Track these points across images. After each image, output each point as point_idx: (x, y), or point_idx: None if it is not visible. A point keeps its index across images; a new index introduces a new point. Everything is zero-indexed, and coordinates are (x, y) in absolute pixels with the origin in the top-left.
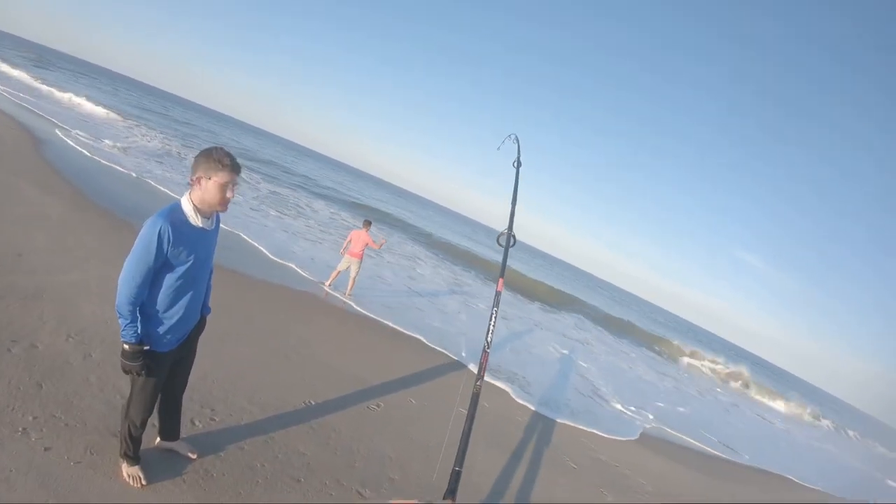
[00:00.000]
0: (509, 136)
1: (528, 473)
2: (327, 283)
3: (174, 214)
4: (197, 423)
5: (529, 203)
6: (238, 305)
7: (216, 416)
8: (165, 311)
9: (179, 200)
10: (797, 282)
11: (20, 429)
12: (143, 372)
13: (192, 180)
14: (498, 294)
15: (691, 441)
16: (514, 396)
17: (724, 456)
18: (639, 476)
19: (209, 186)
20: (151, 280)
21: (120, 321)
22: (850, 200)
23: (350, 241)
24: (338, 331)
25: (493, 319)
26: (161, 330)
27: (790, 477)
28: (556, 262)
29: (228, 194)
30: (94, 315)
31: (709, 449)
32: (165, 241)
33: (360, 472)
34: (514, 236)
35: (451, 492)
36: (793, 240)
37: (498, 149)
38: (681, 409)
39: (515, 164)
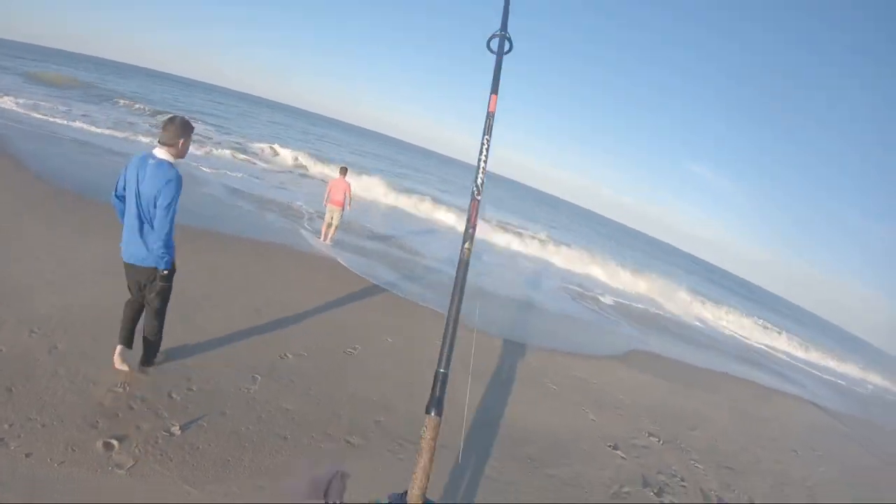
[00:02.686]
0: None
1: (510, 398)
2: (323, 239)
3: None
4: (174, 395)
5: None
6: (201, 262)
7: (193, 386)
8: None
9: (161, 157)
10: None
11: None
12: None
13: (177, 143)
14: (490, 115)
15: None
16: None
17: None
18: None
19: (187, 147)
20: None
21: (167, 252)
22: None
23: (330, 190)
24: (307, 279)
25: (485, 151)
26: (173, 252)
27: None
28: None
29: None
30: (53, 305)
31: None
32: None
33: (346, 419)
34: (509, 39)
35: (438, 402)
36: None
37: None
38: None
39: None
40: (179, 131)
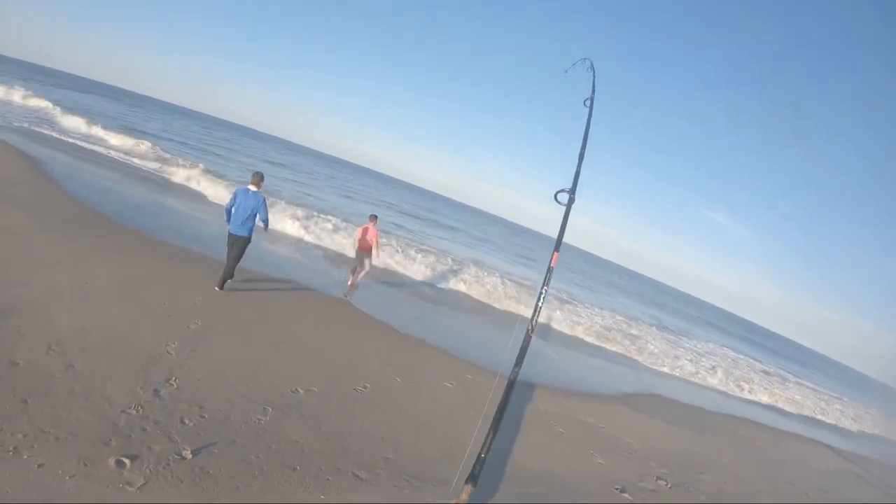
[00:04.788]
0: (582, 60)
1: (520, 441)
2: (350, 283)
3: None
4: (187, 421)
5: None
6: (214, 296)
7: (206, 413)
8: None
9: (253, 189)
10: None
11: (11, 448)
12: None
13: (259, 184)
14: (550, 271)
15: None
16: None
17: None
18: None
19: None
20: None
21: (252, 229)
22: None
23: (359, 236)
24: (319, 317)
25: (542, 300)
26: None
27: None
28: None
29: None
30: (71, 324)
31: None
32: None
33: (355, 454)
34: (574, 197)
35: (474, 478)
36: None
37: (566, 72)
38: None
39: (588, 102)
40: (259, 179)
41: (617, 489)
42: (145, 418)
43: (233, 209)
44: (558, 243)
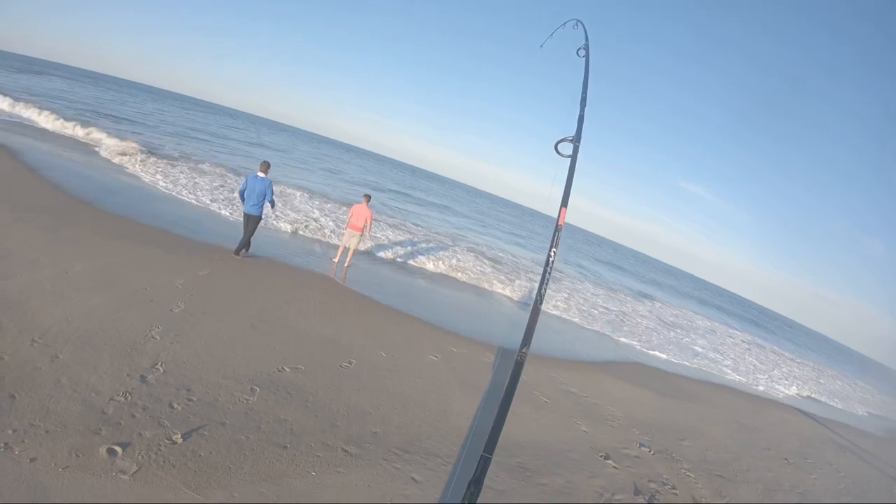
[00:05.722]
0: (569, 21)
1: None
2: (335, 258)
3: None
4: (175, 405)
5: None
6: (196, 278)
7: (193, 396)
8: None
9: (262, 175)
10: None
11: (2, 444)
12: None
13: (266, 170)
14: (558, 230)
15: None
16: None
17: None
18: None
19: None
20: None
21: (262, 208)
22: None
23: (352, 215)
24: (301, 294)
25: (550, 266)
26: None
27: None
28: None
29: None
30: (54, 315)
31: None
32: None
33: (343, 430)
34: (577, 146)
35: (476, 481)
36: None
37: (551, 35)
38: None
39: (582, 52)
40: (266, 167)
41: (601, 456)
42: (134, 405)
43: (245, 192)
44: (566, 198)
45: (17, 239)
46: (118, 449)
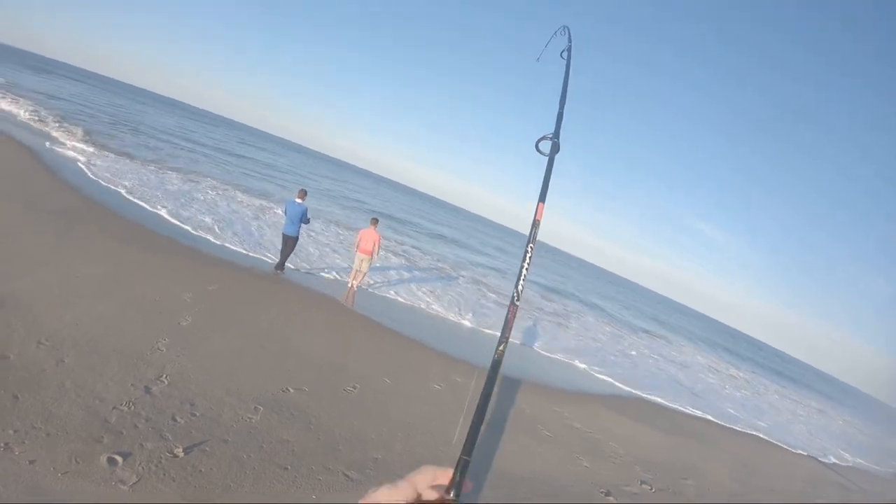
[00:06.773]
0: (560, 29)
1: (508, 444)
2: (351, 283)
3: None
4: (179, 418)
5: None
6: (204, 293)
7: (197, 411)
8: None
9: (299, 201)
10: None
11: (2, 444)
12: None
13: (304, 197)
14: (535, 225)
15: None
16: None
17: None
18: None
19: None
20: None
21: (299, 230)
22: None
23: (360, 239)
24: (306, 315)
25: (527, 261)
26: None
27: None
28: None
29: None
30: (62, 318)
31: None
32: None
33: (345, 454)
34: (558, 143)
35: (457, 486)
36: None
37: (546, 46)
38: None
39: (564, 54)
40: (304, 194)
41: (602, 492)
42: (137, 415)
43: (285, 214)
44: (543, 193)
45: (28, 239)
46: (119, 458)
